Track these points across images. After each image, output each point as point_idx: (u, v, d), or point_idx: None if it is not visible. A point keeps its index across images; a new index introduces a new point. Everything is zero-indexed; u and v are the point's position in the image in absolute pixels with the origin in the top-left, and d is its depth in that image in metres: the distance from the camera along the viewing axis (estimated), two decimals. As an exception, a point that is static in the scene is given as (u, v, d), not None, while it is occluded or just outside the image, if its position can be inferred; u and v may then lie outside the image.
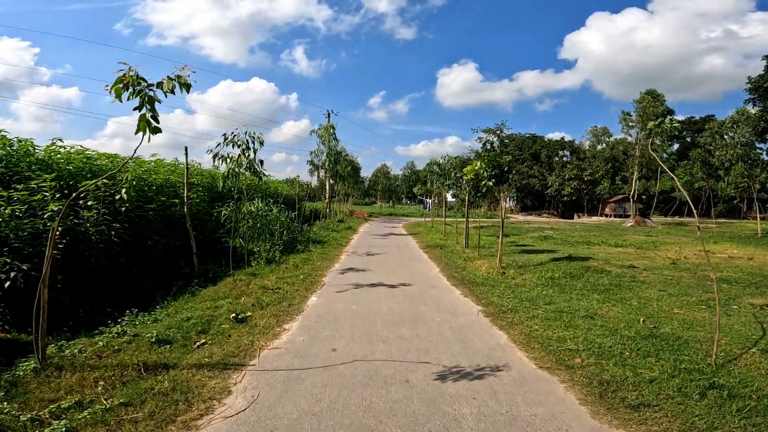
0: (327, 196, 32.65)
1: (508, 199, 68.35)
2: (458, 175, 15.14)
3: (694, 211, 5.21)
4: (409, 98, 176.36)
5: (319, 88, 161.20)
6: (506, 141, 64.35)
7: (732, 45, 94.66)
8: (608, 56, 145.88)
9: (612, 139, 68.06)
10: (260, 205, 12.65)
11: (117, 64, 3.82)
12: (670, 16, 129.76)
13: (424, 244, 15.54)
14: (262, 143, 7.97)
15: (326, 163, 21.56)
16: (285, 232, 12.76)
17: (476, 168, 11.94)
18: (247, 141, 7.76)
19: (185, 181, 9.14)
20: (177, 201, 9.41)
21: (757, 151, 51.46)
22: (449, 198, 42.39)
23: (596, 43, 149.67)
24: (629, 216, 44.48)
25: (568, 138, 64.43)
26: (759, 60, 41.72)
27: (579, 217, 47.93)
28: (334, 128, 18.92)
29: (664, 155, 42.15)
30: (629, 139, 39.41)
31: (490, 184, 10.00)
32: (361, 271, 9.78)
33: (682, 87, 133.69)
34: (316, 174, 21.40)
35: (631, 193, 36.72)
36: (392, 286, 8.22)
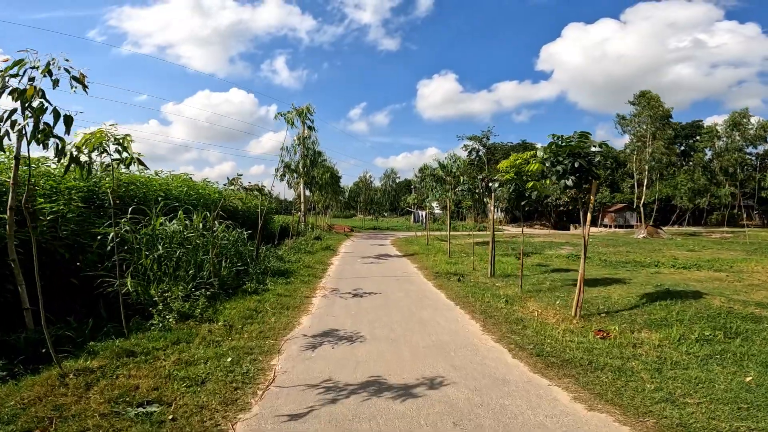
0: (302, 209, 28.08)
1: (497, 210, 65.11)
2: (481, 176, 10.95)
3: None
4: (390, 109, 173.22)
5: (300, 99, 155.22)
6: (492, 150, 61.49)
7: (700, 54, 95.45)
8: (583, 67, 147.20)
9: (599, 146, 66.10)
10: (196, 220, 8.17)
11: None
12: (642, 26, 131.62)
13: (431, 272, 11.24)
14: (80, 83, 3.56)
15: (300, 165, 16.35)
16: (224, 263, 8.24)
17: (518, 162, 7.91)
18: (32, 79, 3.26)
19: (26, 184, 4.63)
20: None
21: (748, 156, 49.99)
22: (435, 209, 38.13)
23: (572, 53, 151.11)
24: (632, 226, 41.57)
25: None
26: (725, 69, 40.34)
27: (575, 228, 44.59)
28: (311, 113, 12.75)
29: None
30: (626, 140, 36.55)
31: (569, 183, 5.89)
32: (347, 340, 5.31)
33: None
34: (287, 179, 15.93)
35: (641, 201, 33.52)
36: (415, 389, 3.83)
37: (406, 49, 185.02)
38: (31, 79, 3.25)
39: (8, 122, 3.22)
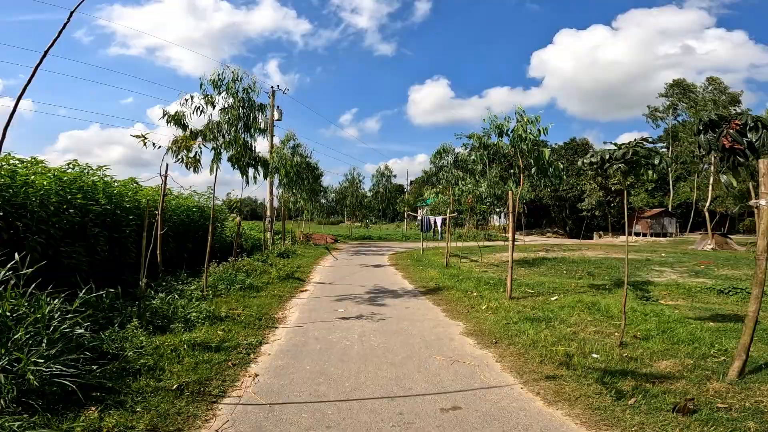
0: (267, 213, 21.20)
1: (500, 216, 58.65)
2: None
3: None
4: (381, 115, 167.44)
5: (290, 102, 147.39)
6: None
7: (687, 60, 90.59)
8: (573, 73, 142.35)
9: (608, 146, 60.47)
10: None
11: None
12: (633, 33, 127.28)
13: (521, 357, 4.55)
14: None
15: (219, 122, 7.87)
16: None
17: None
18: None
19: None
20: None
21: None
22: (431, 217, 31.01)
23: (563, 60, 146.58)
24: (670, 234, 35.52)
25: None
26: (711, 75, 35.66)
27: (600, 236, 38.44)
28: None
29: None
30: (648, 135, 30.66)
31: None
32: None
33: (636, 103, 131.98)
34: (182, 156, 7.82)
35: (707, 204, 27.37)
36: None
37: (401, 55, 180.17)
38: None
39: None
